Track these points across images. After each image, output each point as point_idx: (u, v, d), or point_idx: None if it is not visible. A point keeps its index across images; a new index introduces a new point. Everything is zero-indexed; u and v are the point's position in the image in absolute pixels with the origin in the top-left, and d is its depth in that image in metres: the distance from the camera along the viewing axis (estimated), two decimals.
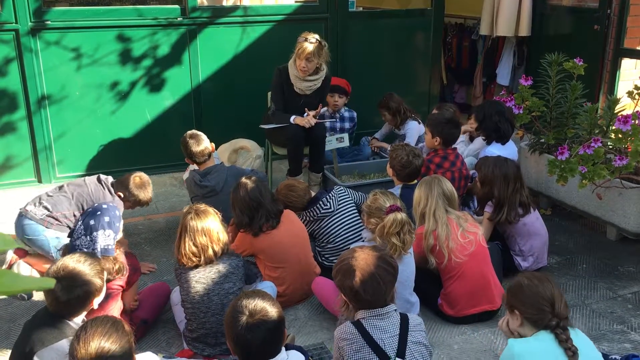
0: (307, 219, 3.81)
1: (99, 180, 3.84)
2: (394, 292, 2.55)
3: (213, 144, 4.18)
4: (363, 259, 2.49)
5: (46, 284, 0.53)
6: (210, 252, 2.93)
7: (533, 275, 2.43)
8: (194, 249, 2.91)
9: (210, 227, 2.94)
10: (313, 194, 3.98)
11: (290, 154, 4.74)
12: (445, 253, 3.26)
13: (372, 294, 2.44)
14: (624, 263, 4.03)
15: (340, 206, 3.82)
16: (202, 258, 2.92)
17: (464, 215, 3.42)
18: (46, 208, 3.67)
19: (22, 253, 3.75)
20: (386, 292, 2.47)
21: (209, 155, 4.10)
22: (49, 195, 3.75)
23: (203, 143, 4.06)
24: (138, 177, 3.89)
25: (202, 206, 3.01)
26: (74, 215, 3.68)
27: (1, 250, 0.63)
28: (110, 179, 3.90)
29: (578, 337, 2.32)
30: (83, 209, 3.66)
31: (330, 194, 3.85)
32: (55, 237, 3.63)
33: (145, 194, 3.91)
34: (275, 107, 4.73)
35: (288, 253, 3.45)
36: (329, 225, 3.78)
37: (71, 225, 3.63)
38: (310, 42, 4.48)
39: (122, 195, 3.84)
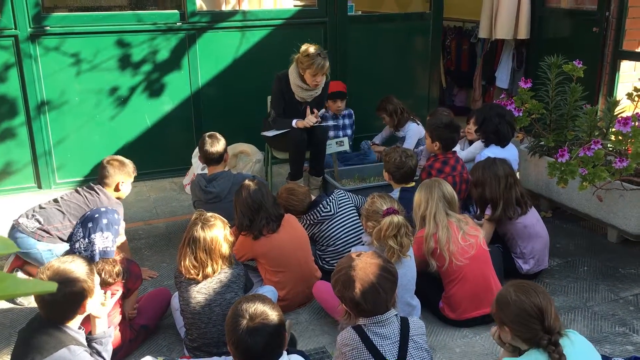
0: (308, 222, 3.81)
1: (90, 187, 3.77)
2: (395, 297, 2.54)
3: (227, 155, 4.12)
4: (362, 268, 2.46)
5: (47, 287, 0.52)
6: (209, 270, 2.88)
7: (519, 287, 2.31)
8: (194, 262, 2.87)
9: (214, 243, 2.86)
10: (313, 197, 3.98)
11: (292, 158, 4.73)
12: (446, 256, 3.25)
13: (373, 303, 2.43)
14: (625, 265, 4.03)
15: (340, 209, 3.82)
16: (201, 274, 2.89)
17: (465, 218, 3.41)
18: (38, 221, 3.60)
19: (21, 263, 3.73)
20: (387, 299, 2.46)
21: (219, 159, 4.06)
22: (41, 207, 3.69)
23: (217, 145, 4.00)
24: (112, 160, 3.82)
25: (212, 218, 2.92)
26: (71, 225, 3.62)
27: (2, 254, 0.62)
28: (98, 185, 3.79)
29: (575, 342, 2.26)
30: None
31: (330, 197, 3.85)
32: (47, 250, 3.57)
33: (130, 168, 3.86)
34: (275, 114, 4.72)
35: (289, 257, 3.44)
36: (329, 228, 3.78)
37: (63, 237, 3.60)
38: (323, 57, 4.46)
39: (122, 182, 3.79)
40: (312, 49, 4.48)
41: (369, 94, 5.83)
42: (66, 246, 3.54)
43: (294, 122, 4.61)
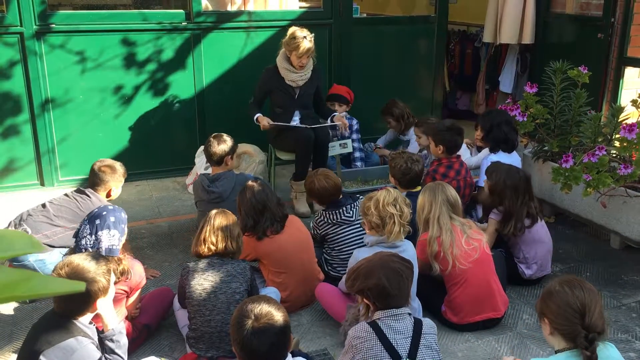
0: (325, 220, 3.72)
1: (80, 191, 3.76)
2: (410, 294, 2.59)
3: (230, 158, 4.12)
4: (379, 258, 2.58)
5: (76, 287, 0.52)
6: (229, 244, 3.01)
7: (566, 280, 2.28)
8: (213, 238, 2.99)
9: (231, 227, 3.05)
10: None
11: (300, 157, 4.73)
12: (449, 260, 3.25)
13: (398, 287, 2.50)
14: (627, 272, 4.02)
15: (360, 218, 3.76)
16: (219, 247, 3.00)
17: (468, 222, 3.41)
18: (25, 231, 3.52)
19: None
20: (408, 286, 2.55)
21: (218, 161, 4.06)
22: (29, 215, 3.66)
23: (219, 146, 4.02)
24: (103, 166, 3.78)
25: (228, 211, 3.15)
26: (61, 229, 3.62)
27: (25, 253, 0.62)
28: (88, 188, 3.78)
29: (610, 352, 2.21)
30: (74, 222, 3.61)
31: (355, 203, 3.78)
32: (39, 260, 3.56)
33: (120, 172, 3.82)
34: (253, 100, 4.83)
35: (292, 258, 3.44)
36: (345, 232, 3.70)
37: (54, 244, 3.59)
38: (307, 39, 4.56)
39: (112, 188, 3.78)
40: (298, 31, 4.59)
41: (372, 96, 5.83)
42: (58, 252, 3.57)
43: (256, 116, 4.73)
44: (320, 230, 3.75)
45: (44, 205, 3.72)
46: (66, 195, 3.77)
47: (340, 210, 3.72)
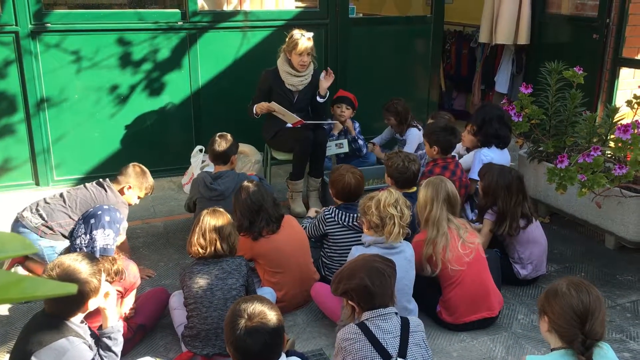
0: (335, 219, 3.61)
1: (99, 184, 3.79)
2: (395, 293, 2.59)
3: (234, 159, 4.17)
4: (361, 259, 2.62)
5: (67, 289, 0.52)
6: (219, 246, 3.00)
7: (574, 283, 2.23)
8: (202, 241, 2.99)
9: (220, 228, 3.02)
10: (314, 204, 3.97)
11: (297, 157, 4.73)
12: (439, 263, 3.26)
13: (380, 286, 2.52)
14: (622, 272, 4.03)
15: None
16: (208, 251, 2.99)
17: (464, 225, 3.40)
18: (41, 216, 3.60)
19: (22, 258, 3.72)
20: (391, 284, 2.56)
21: (226, 159, 4.10)
22: (46, 202, 3.68)
23: (227, 145, 4.07)
24: (138, 165, 3.91)
25: (221, 209, 3.13)
26: (74, 221, 3.63)
27: (18, 255, 0.62)
28: (108, 180, 3.85)
29: (607, 355, 2.19)
30: None
31: None
32: (49, 247, 3.57)
33: (146, 182, 3.90)
34: (252, 103, 4.82)
35: (287, 258, 3.44)
36: (349, 237, 3.60)
37: (66, 234, 3.58)
38: (307, 37, 4.58)
39: (130, 186, 3.80)
40: (295, 31, 4.62)
41: (368, 96, 5.82)
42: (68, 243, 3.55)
43: (254, 106, 4.72)
44: (326, 227, 3.62)
45: (61, 195, 3.74)
46: (84, 186, 3.79)
47: (354, 215, 3.60)
